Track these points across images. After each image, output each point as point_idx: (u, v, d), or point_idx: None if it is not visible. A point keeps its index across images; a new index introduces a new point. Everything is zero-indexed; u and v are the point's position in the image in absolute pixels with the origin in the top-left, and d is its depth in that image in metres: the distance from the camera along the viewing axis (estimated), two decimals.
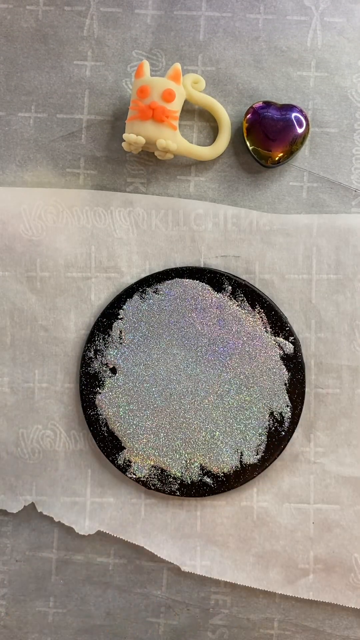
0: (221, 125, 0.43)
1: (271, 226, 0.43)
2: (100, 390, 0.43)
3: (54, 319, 0.44)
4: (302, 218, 0.43)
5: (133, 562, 0.43)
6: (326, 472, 0.43)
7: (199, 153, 0.43)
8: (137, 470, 0.42)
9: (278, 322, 0.43)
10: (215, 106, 0.43)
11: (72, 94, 0.44)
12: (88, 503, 0.43)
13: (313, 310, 0.43)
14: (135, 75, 0.42)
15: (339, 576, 0.42)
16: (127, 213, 0.44)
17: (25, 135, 0.44)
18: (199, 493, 0.42)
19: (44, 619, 0.44)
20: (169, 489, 0.42)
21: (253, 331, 0.43)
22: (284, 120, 0.43)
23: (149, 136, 0.41)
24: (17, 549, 0.44)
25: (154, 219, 0.44)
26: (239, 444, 0.42)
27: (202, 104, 0.43)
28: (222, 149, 0.43)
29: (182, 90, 0.42)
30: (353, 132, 0.44)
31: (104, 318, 0.43)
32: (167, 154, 0.42)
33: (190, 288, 0.43)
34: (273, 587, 0.42)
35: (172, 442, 0.42)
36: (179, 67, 0.42)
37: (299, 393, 0.42)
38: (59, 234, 0.43)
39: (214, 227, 0.43)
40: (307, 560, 0.42)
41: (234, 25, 0.44)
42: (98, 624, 0.43)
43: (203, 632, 0.43)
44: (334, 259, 0.43)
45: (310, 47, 0.44)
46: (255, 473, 0.42)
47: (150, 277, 0.43)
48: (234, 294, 0.43)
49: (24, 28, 0.45)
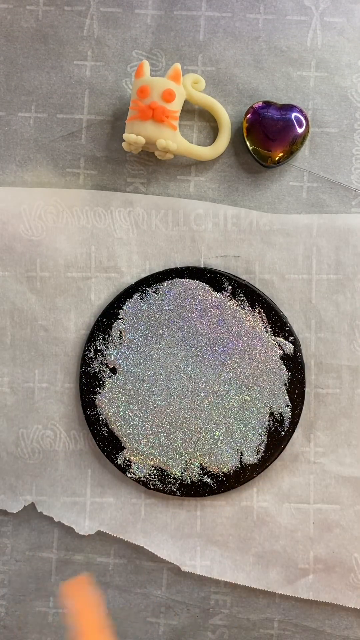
0: (221, 125, 0.43)
1: (271, 226, 0.43)
2: (100, 390, 0.43)
3: (54, 319, 0.44)
4: (302, 218, 0.43)
5: (133, 562, 0.43)
6: (326, 472, 0.43)
7: (199, 153, 0.43)
8: (137, 470, 0.42)
9: (278, 322, 0.43)
10: (215, 106, 0.43)
11: (72, 94, 0.44)
12: (88, 503, 0.43)
13: (313, 310, 0.43)
14: (135, 75, 0.42)
15: (339, 576, 0.42)
16: (127, 213, 0.44)
17: (25, 135, 0.44)
18: (199, 493, 0.42)
19: (43, 619, 0.44)
20: (169, 489, 0.42)
21: (253, 331, 0.43)
22: (284, 120, 0.43)
23: (149, 136, 0.41)
24: (17, 549, 0.44)
25: (154, 219, 0.44)
26: (239, 444, 0.42)
27: (202, 104, 0.43)
28: (222, 149, 0.43)
29: (182, 91, 0.42)
30: (353, 132, 0.44)
31: (104, 318, 0.43)
32: (167, 154, 0.42)
33: (190, 288, 0.43)
34: (273, 587, 0.42)
35: (172, 442, 0.42)
36: (179, 67, 0.42)
37: (299, 393, 0.42)
38: (59, 234, 0.43)
39: (214, 227, 0.43)
40: (307, 560, 0.42)
41: (234, 25, 0.44)
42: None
43: (203, 632, 0.43)
44: (334, 259, 0.43)
45: (310, 47, 0.44)
46: (255, 473, 0.42)
47: (150, 277, 0.43)
48: (234, 294, 0.43)
49: (24, 28, 0.45)
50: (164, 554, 0.42)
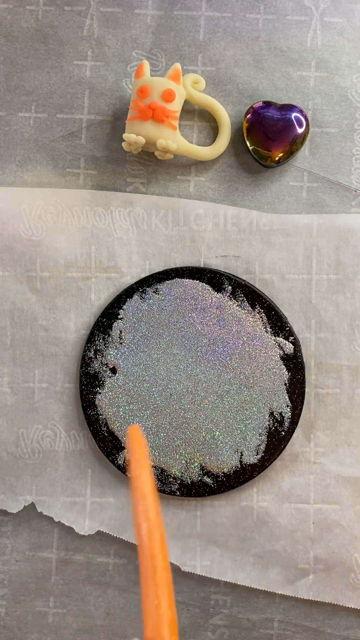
0: (221, 125, 0.43)
1: (271, 226, 0.43)
2: (100, 390, 0.43)
3: (54, 319, 0.44)
4: (302, 218, 0.43)
5: (133, 562, 0.43)
6: (326, 472, 0.43)
7: (199, 153, 0.43)
8: None
9: (278, 322, 0.43)
10: (215, 106, 0.43)
11: (72, 94, 0.44)
12: (88, 503, 0.43)
13: (313, 310, 0.43)
14: (135, 75, 0.42)
15: (339, 576, 0.42)
16: (127, 213, 0.44)
17: (25, 135, 0.44)
18: (199, 493, 0.42)
19: (43, 619, 0.44)
20: (169, 489, 0.42)
21: (253, 331, 0.43)
22: (284, 120, 0.43)
23: (149, 136, 0.41)
24: (17, 549, 0.44)
25: (154, 219, 0.44)
26: (239, 444, 0.42)
27: (202, 104, 0.43)
28: (222, 148, 0.43)
29: (182, 90, 0.42)
30: (353, 132, 0.44)
31: (104, 318, 0.43)
32: (167, 154, 0.42)
33: (190, 288, 0.43)
34: (273, 587, 0.42)
35: (172, 442, 0.42)
36: (179, 67, 0.42)
37: (299, 393, 0.42)
38: (59, 234, 0.43)
39: (214, 227, 0.43)
40: (307, 560, 0.42)
41: (234, 25, 0.44)
42: (98, 624, 0.43)
43: (203, 632, 0.43)
44: (334, 259, 0.43)
45: (310, 47, 0.44)
46: (255, 473, 0.42)
47: (150, 277, 0.43)
48: (234, 294, 0.43)
49: (24, 28, 0.45)
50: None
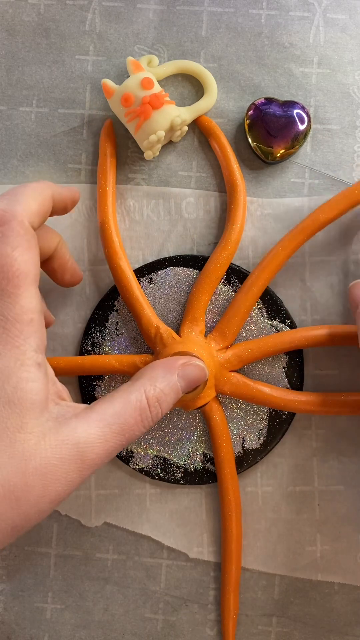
0: (197, 75, 0.43)
1: (262, 211, 0.43)
2: (100, 383, 0.43)
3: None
4: (293, 201, 0.43)
5: (132, 558, 0.43)
6: (329, 453, 0.43)
7: (203, 106, 0.43)
8: (140, 460, 0.42)
9: (274, 306, 0.43)
10: (180, 64, 0.43)
11: (74, 89, 0.44)
12: (93, 495, 0.43)
13: (308, 293, 0.43)
14: (106, 96, 0.42)
15: (346, 556, 0.42)
16: (118, 205, 0.44)
17: (26, 130, 0.44)
18: (202, 480, 0.42)
19: (42, 614, 0.43)
20: (173, 478, 0.42)
21: (249, 316, 0.43)
22: (285, 117, 0.43)
23: (162, 124, 0.41)
24: (16, 544, 0.44)
25: (145, 210, 0.44)
26: (241, 429, 0.42)
27: (169, 73, 0.43)
28: (215, 91, 0.43)
29: (150, 74, 0.42)
30: (355, 129, 0.44)
31: (99, 310, 0.43)
32: (183, 129, 0.42)
33: (185, 276, 0.43)
34: (281, 570, 0.42)
35: (173, 431, 0.42)
36: (131, 58, 0.42)
37: (297, 376, 0.42)
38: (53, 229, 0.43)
39: (205, 214, 0.44)
40: (314, 542, 0.42)
41: (236, 21, 0.44)
42: (96, 619, 0.43)
43: (201, 628, 0.43)
44: (325, 240, 0.43)
45: (312, 44, 0.44)
46: (258, 458, 0.42)
47: (144, 267, 0.43)
48: (228, 279, 0.43)
49: (26, 22, 0.44)
50: (170, 543, 0.43)
